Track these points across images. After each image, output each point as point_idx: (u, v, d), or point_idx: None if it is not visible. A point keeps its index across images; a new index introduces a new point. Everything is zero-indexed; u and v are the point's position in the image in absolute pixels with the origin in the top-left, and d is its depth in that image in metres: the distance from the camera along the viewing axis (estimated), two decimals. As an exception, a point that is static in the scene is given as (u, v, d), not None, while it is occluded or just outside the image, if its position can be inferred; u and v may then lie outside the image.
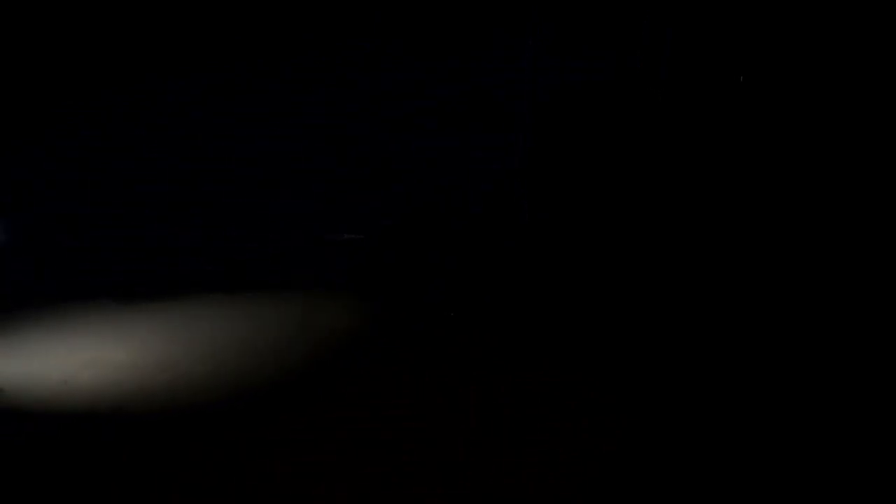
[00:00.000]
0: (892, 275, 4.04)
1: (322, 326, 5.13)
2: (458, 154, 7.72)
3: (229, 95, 9.17)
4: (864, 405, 2.80)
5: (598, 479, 2.46)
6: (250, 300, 6.22)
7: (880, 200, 4.76)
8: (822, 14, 6.14)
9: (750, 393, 3.01)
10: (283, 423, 3.48)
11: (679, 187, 5.29)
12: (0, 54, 7.83)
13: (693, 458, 2.54)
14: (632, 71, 7.99)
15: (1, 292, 7.47)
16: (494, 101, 8.96)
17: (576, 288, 4.41)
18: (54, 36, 8.35)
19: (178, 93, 9.17)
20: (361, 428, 3.27)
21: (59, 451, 3.52)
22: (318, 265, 6.36)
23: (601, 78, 8.73)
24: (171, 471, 3.18)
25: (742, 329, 3.74)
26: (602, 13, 8.56)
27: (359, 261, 6.05)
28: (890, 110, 5.49)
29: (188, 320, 5.81)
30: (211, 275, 7.00)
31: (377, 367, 4.03)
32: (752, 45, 6.61)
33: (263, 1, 9.69)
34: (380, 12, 9.67)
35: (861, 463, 2.42)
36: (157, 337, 5.41)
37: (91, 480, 3.22)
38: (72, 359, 5.02)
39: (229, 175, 7.46)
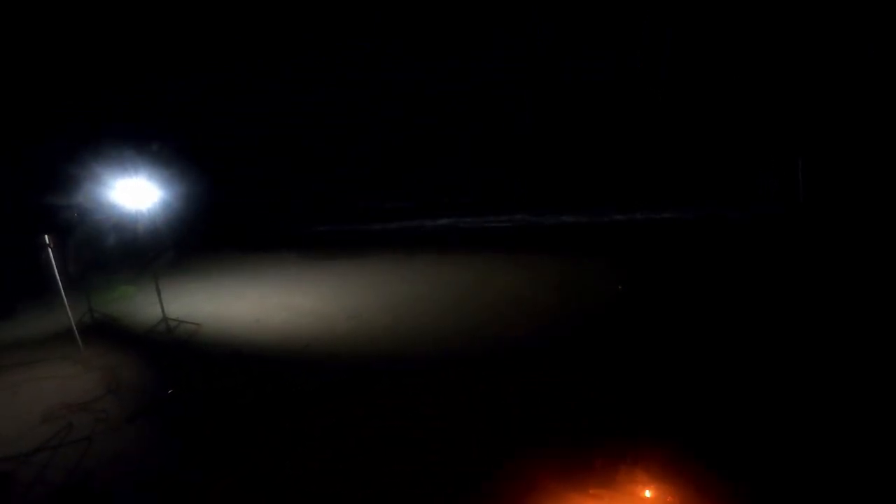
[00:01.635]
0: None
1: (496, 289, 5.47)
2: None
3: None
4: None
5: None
6: (428, 261, 7.01)
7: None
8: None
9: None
10: (442, 377, 3.57)
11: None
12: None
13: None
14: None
15: (195, 245, 8.61)
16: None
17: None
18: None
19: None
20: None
21: (252, 377, 3.84)
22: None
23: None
24: (351, 402, 3.33)
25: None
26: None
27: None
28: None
29: (371, 275, 6.61)
30: (391, 238, 8.40)
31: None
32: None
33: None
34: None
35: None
36: (342, 289, 6.09)
37: (277, 406, 3.40)
38: (264, 303, 5.79)
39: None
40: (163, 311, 5.07)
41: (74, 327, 4.62)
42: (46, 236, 4.48)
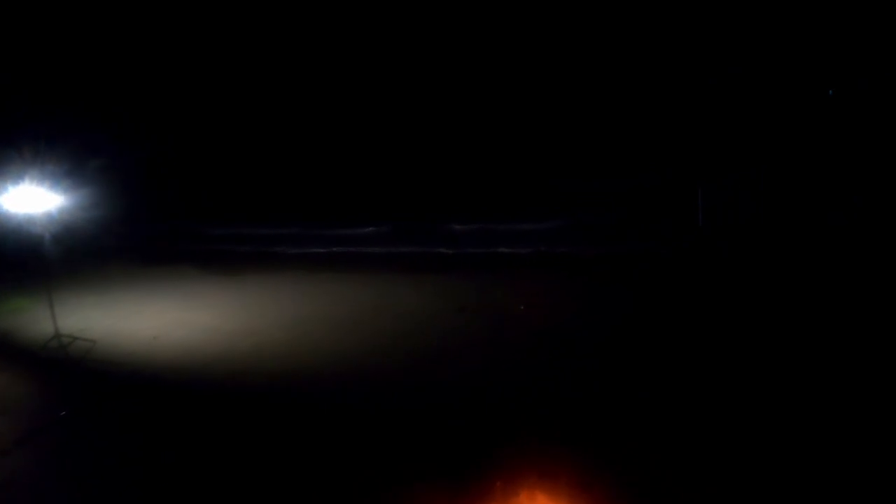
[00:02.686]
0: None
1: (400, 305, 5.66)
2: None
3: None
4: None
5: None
6: (331, 279, 7.00)
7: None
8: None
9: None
10: (350, 390, 3.67)
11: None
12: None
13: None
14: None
15: (93, 256, 8.42)
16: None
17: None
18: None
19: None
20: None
21: (147, 396, 3.77)
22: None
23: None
24: (249, 421, 3.34)
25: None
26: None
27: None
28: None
29: (273, 292, 6.54)
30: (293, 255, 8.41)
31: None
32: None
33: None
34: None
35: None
36: (241, 304, 6.02)
37: (172, 424, 3.37)
38: (162, 318, 5.63)
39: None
40: (55, 326, 4.89)
41: (-42, 344, 4.41)
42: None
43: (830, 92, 6.69)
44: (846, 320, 4.44)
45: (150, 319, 5.59)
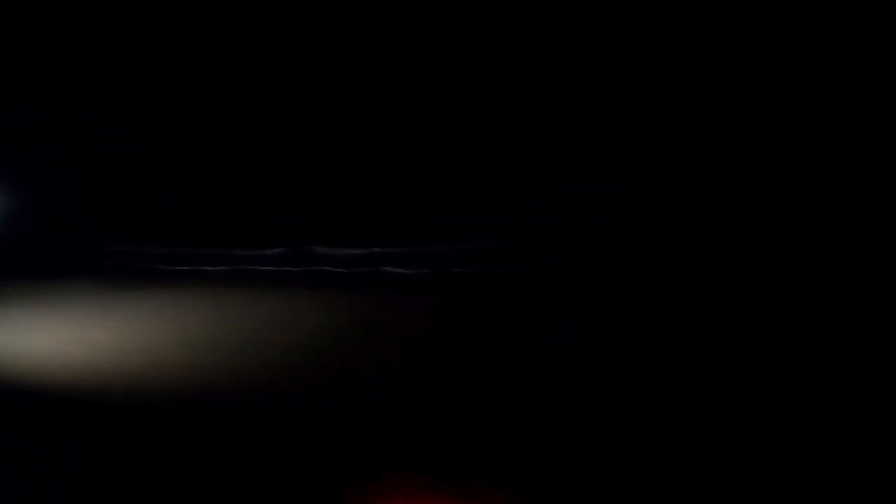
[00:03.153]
0: None
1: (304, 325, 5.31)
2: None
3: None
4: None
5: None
6: (235, 295, 6.44)
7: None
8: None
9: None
10: (253, 415, 3.58)
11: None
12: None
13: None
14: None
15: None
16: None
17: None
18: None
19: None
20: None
21: (36, 423, 3.66)
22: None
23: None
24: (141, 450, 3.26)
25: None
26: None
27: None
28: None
29: (171, 307, 6.06)
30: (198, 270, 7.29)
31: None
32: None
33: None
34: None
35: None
36: (141, 321, 5.65)
37: (63, 455, 3.28)
38: (57, 336, 5.32)
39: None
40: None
41: None
42: None
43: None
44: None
45: (45, 337, 5.44)
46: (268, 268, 8.00)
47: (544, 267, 6.56)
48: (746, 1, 7.20)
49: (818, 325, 4.58)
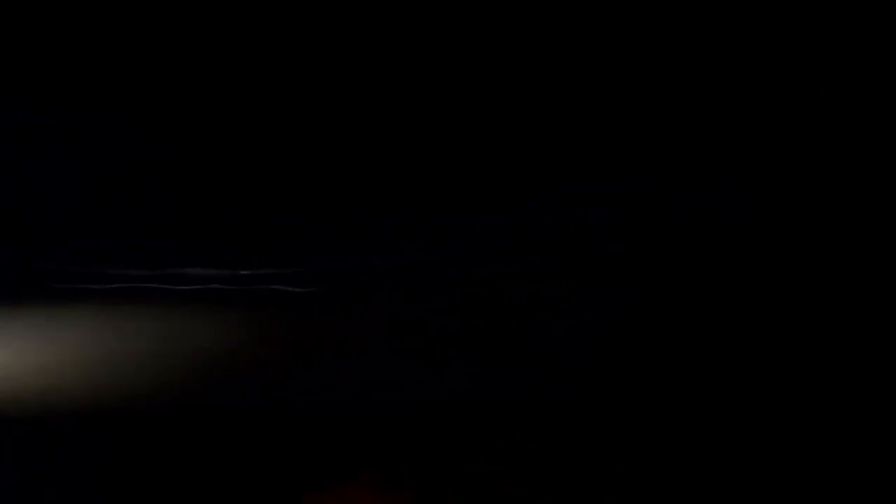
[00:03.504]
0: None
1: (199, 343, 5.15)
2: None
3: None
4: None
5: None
6: (132, 312, 6.48)
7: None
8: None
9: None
10: (154, 432, 3.41)
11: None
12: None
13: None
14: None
15: None
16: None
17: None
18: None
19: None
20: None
21: None
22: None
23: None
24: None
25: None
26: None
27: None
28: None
29: (66, 326, 5.58)
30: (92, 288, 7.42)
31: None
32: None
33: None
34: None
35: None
36: (35, 341, 5.48)
37: None
38: None
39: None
40: None
41: None
42: None
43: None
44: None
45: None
46: (161, 285, 7.61)
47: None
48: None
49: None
